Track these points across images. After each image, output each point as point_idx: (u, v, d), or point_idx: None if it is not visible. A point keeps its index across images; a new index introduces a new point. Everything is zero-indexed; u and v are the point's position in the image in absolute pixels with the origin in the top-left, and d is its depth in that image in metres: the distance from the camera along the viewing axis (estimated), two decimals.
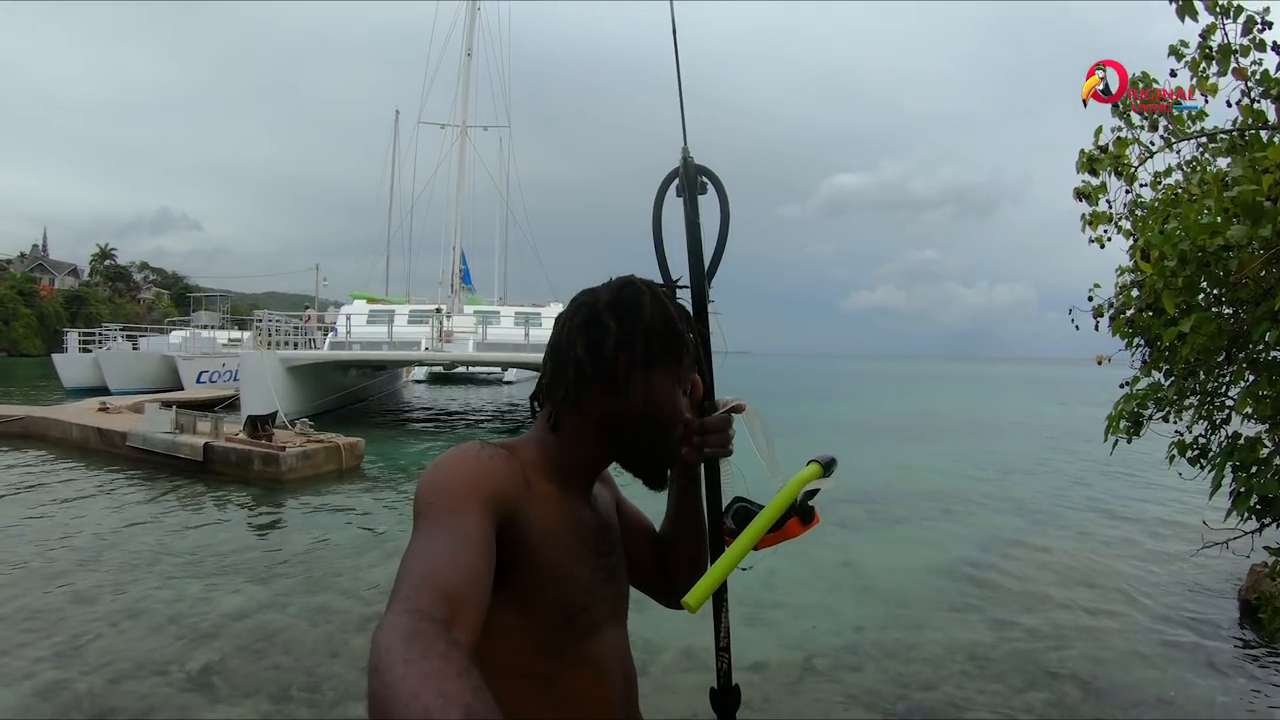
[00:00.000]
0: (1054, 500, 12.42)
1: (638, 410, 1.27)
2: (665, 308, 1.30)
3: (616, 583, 1.33)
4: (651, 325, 1.28)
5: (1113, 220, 3.90)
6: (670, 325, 1.29)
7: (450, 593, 0.88)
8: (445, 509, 1.03)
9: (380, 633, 0.77)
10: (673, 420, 1.31)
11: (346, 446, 13.47)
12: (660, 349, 1.28)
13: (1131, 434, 3.85)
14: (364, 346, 23.62)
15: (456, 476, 1.09)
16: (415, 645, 0.75)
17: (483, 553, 0.99)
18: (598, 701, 1.22)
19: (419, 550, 0.95)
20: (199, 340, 31.90)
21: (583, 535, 1.24)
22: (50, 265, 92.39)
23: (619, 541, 1.39)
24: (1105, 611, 6.82)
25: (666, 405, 1.29)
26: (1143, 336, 3.54)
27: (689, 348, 1.32)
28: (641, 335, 1.27)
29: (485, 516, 1.04)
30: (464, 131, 34.69)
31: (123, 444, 14.10)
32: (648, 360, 1.27)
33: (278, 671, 5.29)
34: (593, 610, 1.22)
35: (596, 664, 1.23)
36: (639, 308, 1.28)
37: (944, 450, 19.20)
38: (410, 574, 0.90)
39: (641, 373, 1.27)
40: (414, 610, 0.82)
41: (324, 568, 7.79)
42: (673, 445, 1.33)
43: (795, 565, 7.95)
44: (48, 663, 5.38)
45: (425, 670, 0.71)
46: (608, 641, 1.27)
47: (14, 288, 79.50)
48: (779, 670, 5.47)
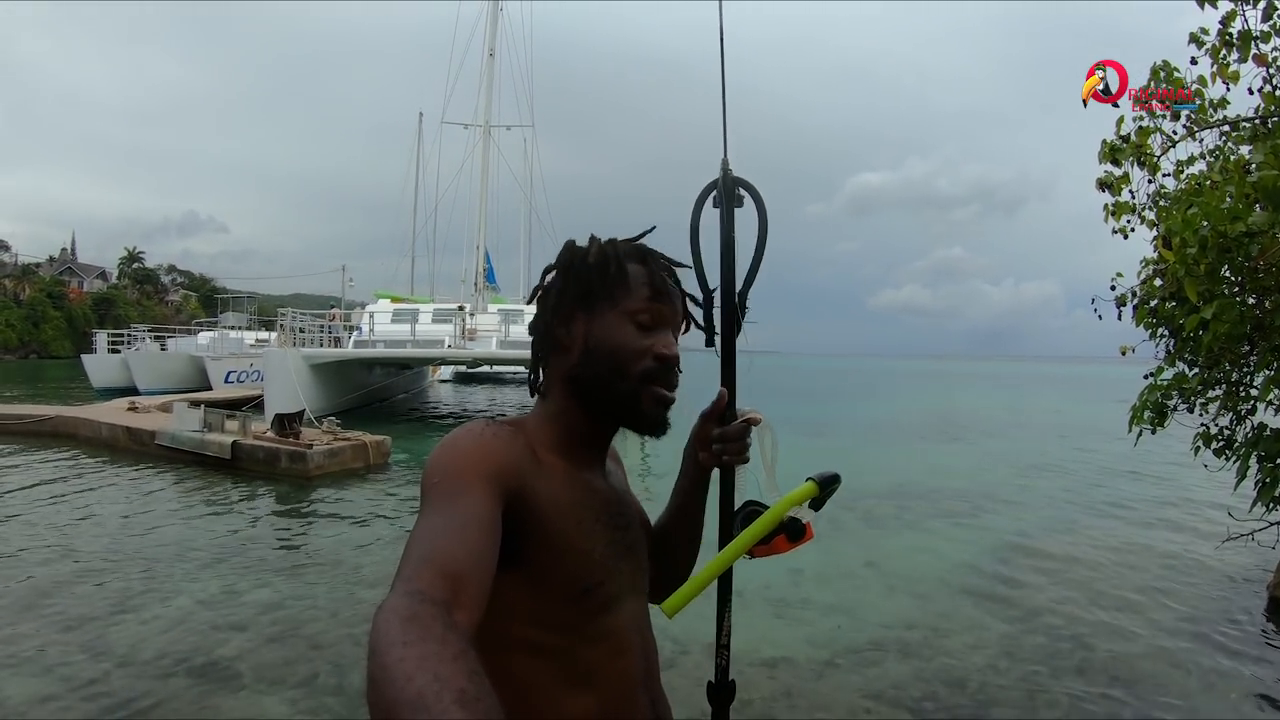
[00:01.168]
0: (1079, 497, 12.32)
1: (577, 359, 1.27)
2: (605, 250, 1.30)
3: (635, 556, 1.31)
4: (583, 269, 1.29)
5: (1136, 211, 3.88)
6: (604, 262, 1.28)
7: (451, 572, 0.89)
8: (449, 489, 1.04)
9: (380, 615, 0.78)
10: (624, 355, 1.25)
11: (373, 444, 13.54)
12: (594, 287, 1.27)
13: (1156, 425, 3.83)
14: (388, 345, 23.76)
15: (460, 456, 1.09)
16: (413, 628, 0.76)
17: (486, 531, 0.99)
18: (618, 675, 1.21)
19: (422, 531, 0.97)
20: (226, 340, 32.22)
21: (595, 508, 1.23)
22: (79, 268, 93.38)
23: (637, 515, 1.38)
24: (1130, 607, 6.77)
25: (611, 341, 1.26)
26: (1166, 326, 3.52)
27: (635, 278, 1.28)
28: (574, 280, 1.29)
29: (490, 495, 1.04)
30: (487, 131, 34.83)
31: (151, 442, 14.24)
32: (584, 303, 1.28)
33: (304, 661, 5.35)
34: (608, 584, 1.20)
35: (614, 638, 1.22)
36: (574, 257, 1.31)
37: (971, 449, 19.13)
38: (412, 555, 0.91)
39: (582, 317, 1.28)
40: (414, 592, 0.83)
41: (349, 562, 7.86)
42: (636, 382, 1.26)
43: (821, 562, 7.94)
44: (78, 653, 5.47)
45: (422, 653, 0.72)
46: (626, 615, 1.25)
47: (43, 291, 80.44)
48: (804, 665, 5.46)
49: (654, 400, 1.27)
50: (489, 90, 34.47)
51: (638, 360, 1.25)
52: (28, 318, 76.53)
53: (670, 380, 1.29)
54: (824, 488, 1.39)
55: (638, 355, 1.26)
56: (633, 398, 1.26)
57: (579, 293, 1.28)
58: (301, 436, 13.07)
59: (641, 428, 1.29)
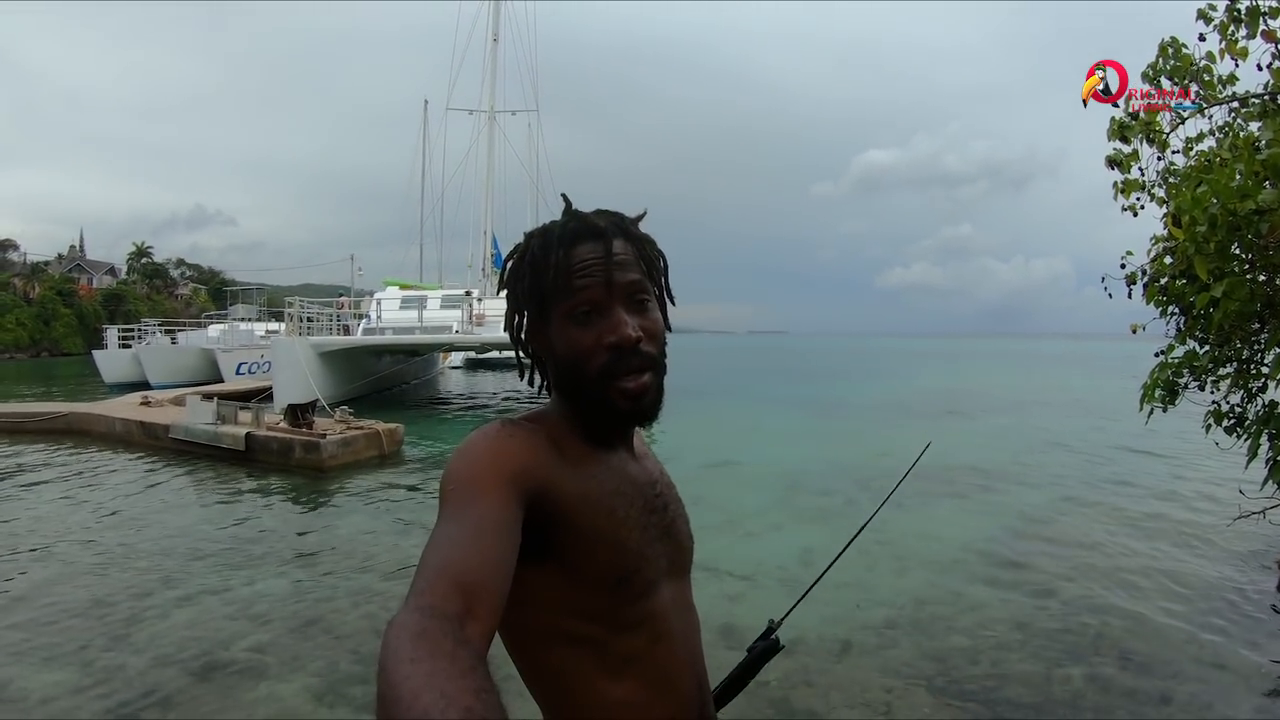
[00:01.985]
0: (1089, 475, 12.30)
1: (553, 367, 1.27)
2: (530, 255, 1.26)
3: (672, 538, 1.30)
4: (524, 281, 1.26)
5: (1145, 188, 3.87)
6: (536, 267, 1.24)
7: (465, 583, 0.88)
8: (464, 495, 1.03)
9: (390, 631, 0.78)
10: (577, 359, 1.21)
11: (386, 432, 13.57)
12: (542, 296, 1.24)
13: (1167, 403, 3.84)
14: (396, 332, 23.81)
15: (476, 461, 1.08)
16: (422, 644, 0.76)
17: (503, 537, 0.99)
18: (659, 660, 1.21)
19: (437, 540, 0.96)
20: (237, 333, 32.29)
21: (628, 494, 1.22)
22: (88, 265, 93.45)
23: (673, 496, 1.37)
24: (1142, 584, 6.78)
25: (563, 348, 1.23)
26: (1176, 304, 3.53)
27: (563, 271, 1.21)
28: (522, 295, 1.28)
29: (508, 499, 1.03)
30: (492, 117, 34.89)
31: (165, 436, 14.30)
32: (538, 312, 1.27)
33: (324, 650, 5.40)
34: (645, 570, 1.20)
35: (653, 623, 1.21)
36: (516, 270, 1.29)
37: (981, 427, 19.09)
38: (427, 566, 0.91)
39: (541, 326, 1.27)
40: (425, 607, 0.83)
41: (366, 551, 7.90)
42: (598, 384, 1.20)
43: (834, 542, 7.95)
44: (98, 644, 5.53)
45: (430, 670, 0.72)
46: (665, 600, 1.24)
47: (53, 288, 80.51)
48: (818, 644, 5.48)
49: (621, 395, 1.20)
50: (493, 76, 34.54)
51: (590, 360, 1.20)
52: (38, 316, 76.65)
53: (631, 365, 1.20)
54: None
55: (588, 353, 1.20)
56: (601, 400, 1.21)
57: (525, 307, 1.28)
58: (314, 426, 13.10)
59: (623, 423, 1.26)
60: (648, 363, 1.22)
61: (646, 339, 1.22)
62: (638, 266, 1.25)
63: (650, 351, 1.23)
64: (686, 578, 1.36)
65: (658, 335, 1.25)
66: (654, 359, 1.24)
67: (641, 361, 1.21)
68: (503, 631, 1.17)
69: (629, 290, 1.23)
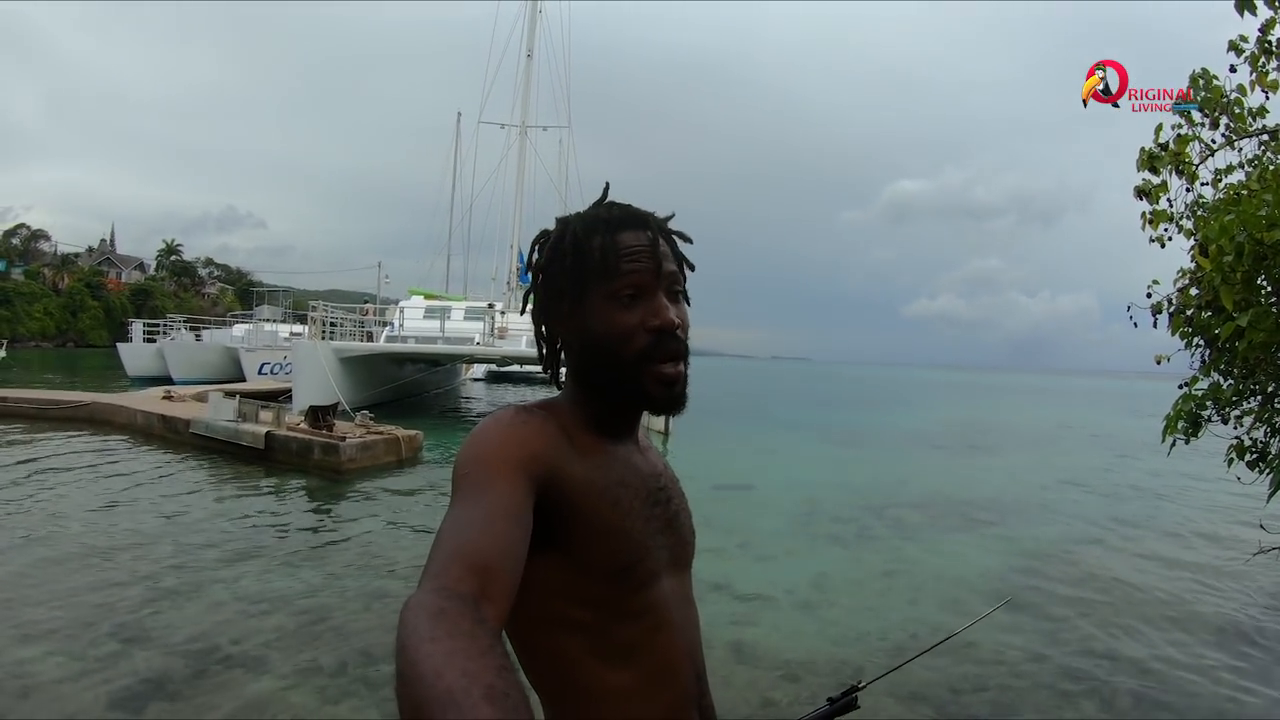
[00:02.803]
0: (1108, 510, 12.22)
1: (580, 350, 1.26)
2: (572, 235, 1.26)
3: (675, 531, 1.31)
4: (562, 262, 1.26)
5: (1174, 220, 3.86)
6: (579, 249, 1.24)
7: (479, 566, 0.89)
8: (478, 479, 1.03)
9: (408, 611, 0.78)
10: (616, 339, 1.21)
11: (405, 438, 13.64)
12: (583, 277, 1.23)
13: (1189, 435, 3.81)
14: (418, 341, 23.88)
15: (490, 446, 1.09)
16: (441, 623, 0.76)
17: (515, 522, 0.99)
18: (660, 650, 1.21)
19: (451, 523, 0.97)
20: (261, 333, 32.51)
21: (633, 486, 1.22)
22: (117, 259, 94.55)
23: (677, 490, 1.37)
24: (1158, 621, 6.71)
25: (600, 328, 1.22)
26: (1202, 336, 3.51)
27: (608, 251, 1.22)
28: (552, 278, 1.27)
29: (520, 484, 1.04)
30: (523, 131, 35.02)
31: (186, 431, 14.43)
32: (575, 294, 1.25)
33: (333, 651, 5.41)
34: (647, 561, 1.20)
35: (654, 613, 1.21)
36: (556, 249, 1.27)
37: (1004, 461, 18.97)
38: (441, 549, 0.91)
39: (572, 310, 1.26)
40: (441, 588, 0.83)
41: (380, 554, 7.94)
42: (634, 365, 1.21)
43: (849, 567, 7.95)
44: (109, 634, 5.57)
45: (450, 649, 0.72)
46: (665, 591, 1.24)
47: (82, 280, 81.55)
48: (827, 666, 5.47)
49: (657, 380, 1.22)
50: (526, 91, 34.65)
51: (630, 341, 1.21)
52: (66, 307, 77.63)
53: (671, 350, 1.22)
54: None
55: (628, 335, 1.21)
56: (636, 383, 1.22)
57: (562, 288, 1.26)
58: (335, 429, 13.17)
59: (654, 409, 1.26)
60: (683, 351, 1.25)
61: (683, 329, 1.25)
62: (676, 264, 1.28)
63: (685, 341, 1.25)
64: (688, 571, 1.36)
65: (689, 329, 1.28)
66: (687, 349, 1.26)
67: (678, 348, 1.23)
68: None
69: (670, 280, 1.25)
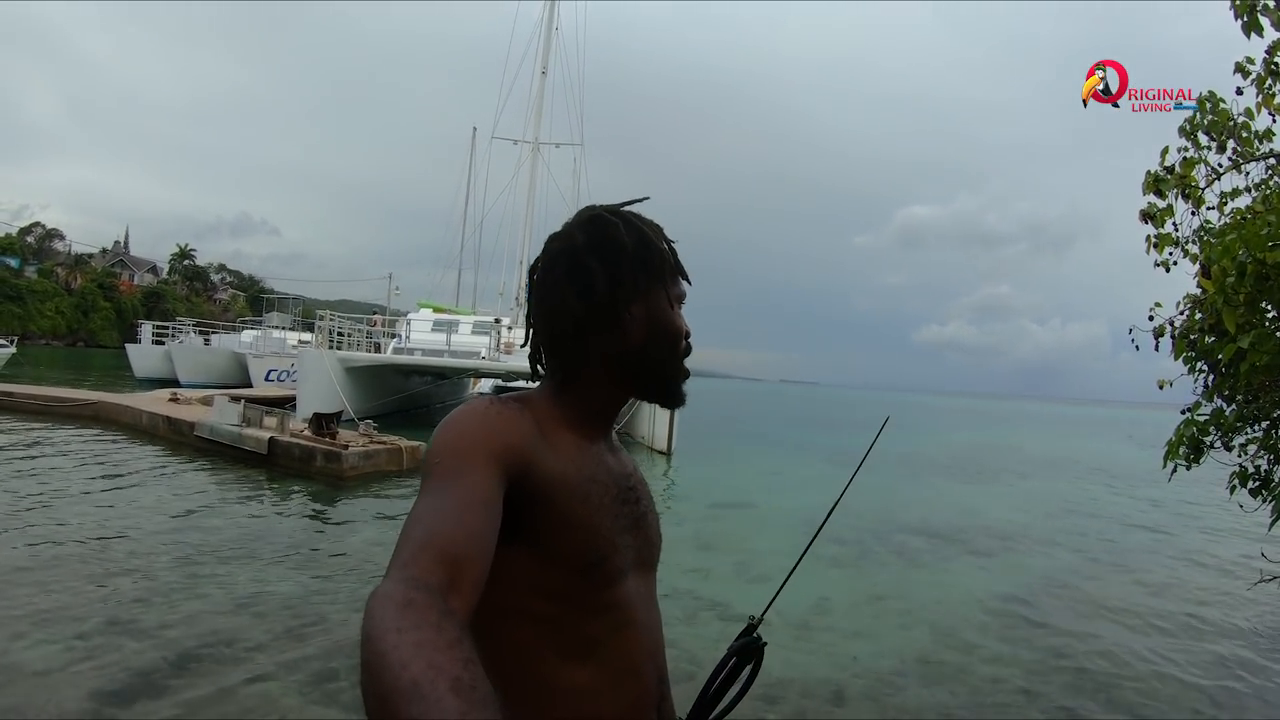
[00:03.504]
0: (1108, 538, 12.19)
1: (642, 341, 1.28)
2: (640, 230, 1.30)
3: (642, 531, 1.31)
4: (634, 254, 1.28)
5: (1179, 244, 3.83)
6: (649, 247, 1.30)
7: (449, 557, 0.88)
8: (449, 469, 1.03)
9: (375, 600, 0.78)
10: (676, 337, 1.32)
11: (408, 449, 13.63)
12: (647, 273, 1.29)
13: (1191, 461, 3.77)
14: (425, 353, 23.92)
15: (463, 435, 1.09)
16: (408, 614, 0.75)
17: (485, 512, 0.99)
18: (623, 648, 1.21)
19: (421, 512, 0.96)
20: (269, 339, 32.60)
21: (603, 483, 1.23)
22: (131, 262, 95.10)
23: (645, 491, 1.38)
24: (1159, 647, 6.65)
25: (666, 325, 1.30)
26: (1205, 360, 3.47)
27: (669, 260, 1.32)
28: (628, 268, 1.27)
29: (491, 474, 1.04)
30: (536, 148, 35.15)
31: (190, 433, 14.48)
32: (639, 289, 1.28)
33: (322, 656, 5.38)
34: (614, 558, 1.20)
35: (617, 611, 1.21)
36: (617, 241, 1.28)
37: (1005, 489, 18.87)
38: (410, 538, 0.91)
39: (639, 305, 1.28)
40: (409, 578, 0.83)
41: (377, 562, 7.87)
42: (680, 362, 1.34)
43: (847, 591, 7.89)
44: (103, 628, 5.58)
45: (417, 640, 0.71)
46: (630, 590, 1.24)
47: (95, 281, 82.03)
48: (821, 688, 5.43)
49: (685, 378, 1.36)
50: (539, 108, 34.82)
51: (680, 341, 1.33)
52: (78, 306, 78.07)
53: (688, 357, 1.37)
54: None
55: (681, 335, 1.33)
56: (675, 375, 1.34)
57: (635, 278, 1.27)
58: (338, 437, 13.18)
59: (675, 401, 1.37)
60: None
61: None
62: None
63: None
64: (653, 573, 1.37)
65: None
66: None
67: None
68: None
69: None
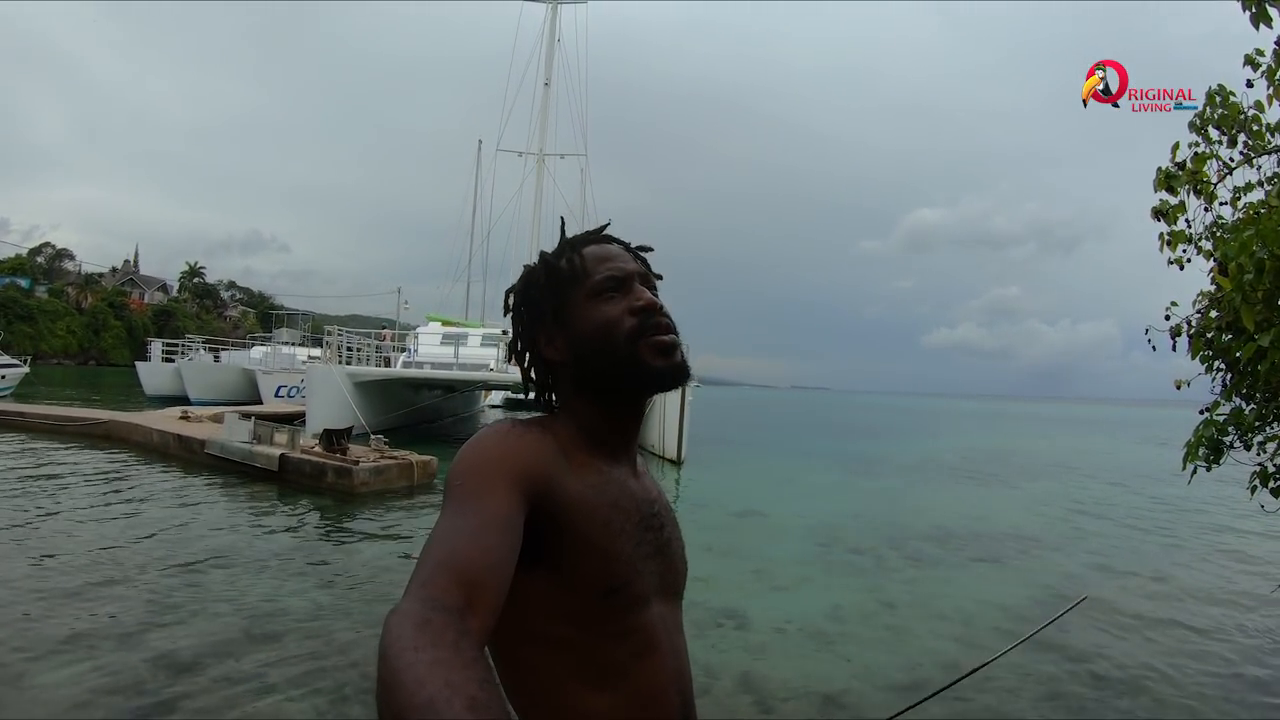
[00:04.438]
0: (1128, 541, 12.05)
1: (571, 357, 1.28)
2: (545, 257, 1.34)
3: (666, 558, 1.29)
4: (544, 282, 1.30)
5: (1192, 241, 3.78)
6: (551, 269, 1.31)
7: (467, 578, 0.89)
8: (471, 490, 1.04)
9: (393, 618, 0.79)
10: (605, 329, 1.25)
11: (419, 464, 13.59)
12: (553, 291, 1.29)
13: (1210, 462, 3.71)
14: (434, 367, 23.96)
15: (484, 457, 1.09)
16: (425, 634, 0.76)
17: (505, 535, 0.99)
18: (645, 675, 1.19)
19: (441, 533, 0.97)
20: (279, 355, 32.68)
21: (625, 508, 1.21)
22: (141, 280, 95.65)
23: (670, 517, 1.35)
24: (1182, 656, 6.55)
25: (588, 325, 1.26)
26: (1222, 359, 3.42)
27: (575, 264, 1.29)
28: (540, 296, 1.31)
29: (513, 496, 1.04)
30: (541, 160, 35.31)
31: (201, 451, 14.51)
32: (556, 305, 1.29)
33: (335, 671, 5.36)
34: (635, 584, 1.18)
35: (640, 637, 1.19)
36: (530, 279, 1.33)
37: (1024, 492, 18.72)
38: (429, 558, 0.92)
39: (558, 326, 1.29)
40: (428, 598, 0.83)
41: (389, 579, 7.87)
42: (627, 346, 1.24)
43: (864, 599, 7.83)
44: (114, 647, 5.57)
45: (433, 659, 0.72)
46: (653, 617, 1.22)
47: (105, 300, 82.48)
48: (839, 699, 5.37)
49: (653, 349, 1.24)
50: (544, 119, 34.99)
51: (618, 325, 1.25)
52: (88, 325, 78.52)
53: (659, 324, 1.26)
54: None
55: (615, 321, 1.25)
56: (632, 360, 1.24)
57: (542, 308, 1.30)
58: (349, 453, 13.16)
59: (660, 383, 1.26)
60: (672, 326, 1.28)
61: (665, 313, 1.28)
62: (645, 267, 1.36)
63: (671, 320, 1.29)
64: (678, 601, 1.35)
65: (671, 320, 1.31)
66: (675, 327, 1.29)
67: (666, 323, 1.27)
68: None
69: (643, 277, 1.32)
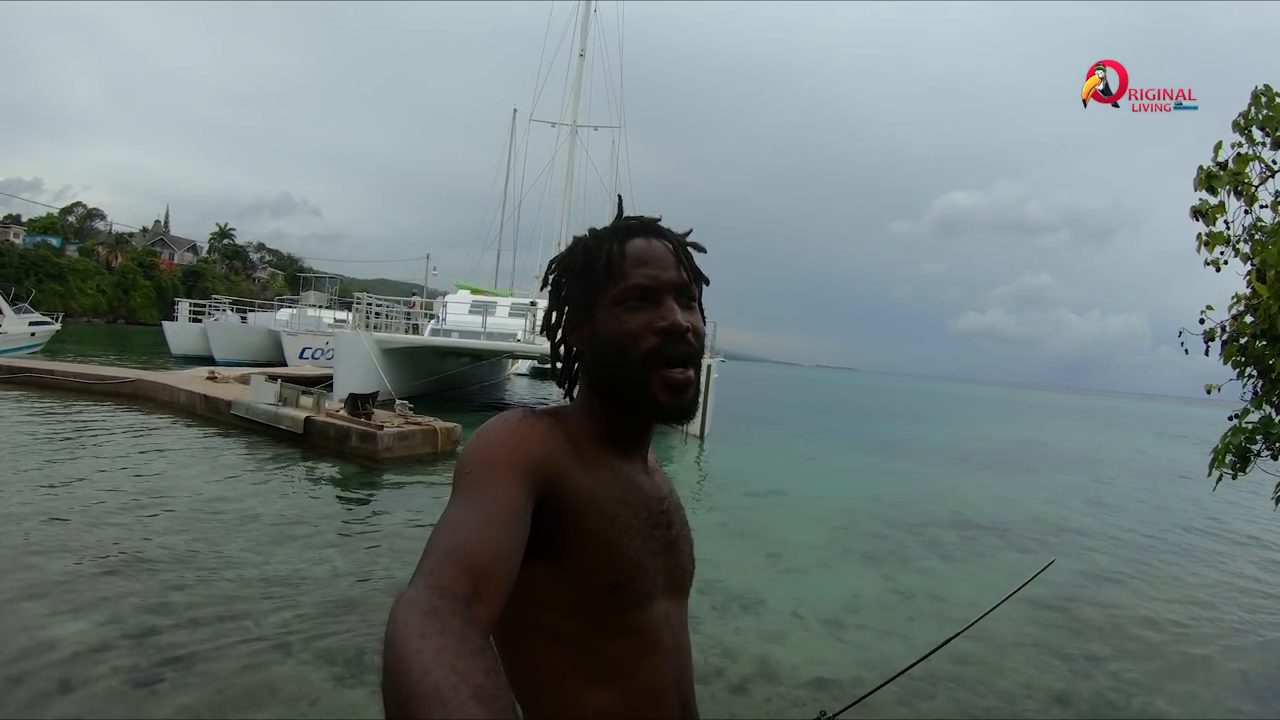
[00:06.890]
0: (1150, 538, 11.94)
1: (591, 355, 1.26)
2: (585, 244, 1.28)
3: (674, 556, 1.28)
4: (579, 272, 1.27)
5: (1230, 242, 3.71)
6: (589, 258, 1.26)
7: (474, 566, 0.89)
8: (479, 479, 1.04)
9: (399, 606, 0.79)
10: (623, 341, 1.20)
11: (443, 431, 13.67)
12: (587, 285, 1.25)
13: (1238, 470, 3.67)
14: (462, 335, 23.98)
15: (494, 446, 1.09)
16: (432, 621, 0.76)
17: (512, 525, 0.99)
18: (646, 673, 1.19)
19: (449, 521, 0.97)
20: (305, 318, 32.81)
21: (633, 504, 1.20)
22: (171, 241, 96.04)
23: (679, 514, 1.35)
24: (1196, 656, 6.53)
25: (609, 331, 1.21)
26: (1255, 366, 3.37)
27: (613, 261, 1.23)
28: (571, 285, 1.29)
29: (520, 487, 1.04)
30: (574, 130, 35.18)
31: (227, 412, 14.63)
32: (587, 301, 1.25)
33: (353, 636, 5.43)
34: (640, 581, 1.18)
35: (644, 635, 1.19)
36: (565, 262, 1.30)
37: (1045, 482, 18.60)
38: (437, 546, 0.91)
39: (587, 318, 1.26)
40: (435, 586, 0.84)
41: (409, 545, 7.93)
42: (640, 367, 1.19)
43: (880, 588, 7.81)
44: (135, 605, 5.66)
45: (439, 646, 0.72)
46: (658, 614, 1.22)
47: (135, 260, 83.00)
48: (852, 689, 5.37)
49: (663, 384, 1.19)
50: (577, 90, 34.84)
51: (637, 342, 1.19)
52: (118, 285, 79.03)
53: (679, 354, 1.20)
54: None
55: (635, 336, 1.20)
56: (641, 385, 1.20)
57: (573, 298, 1.28)
58: (373, 418, 13.22)
59: (660, 416, 1.23)
60: (693, 357, 1.22)
61: (693, 334, 1.22)
62: (687, 273, 1.27)
63: (696, 347, 1.23)
64: (684, 599, 1.34)
65: (702, 337, 1.25)
66: (698, 356, 1.23)
67: (688, 352, 1.21)
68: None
69: (679, 287, 1.24)
